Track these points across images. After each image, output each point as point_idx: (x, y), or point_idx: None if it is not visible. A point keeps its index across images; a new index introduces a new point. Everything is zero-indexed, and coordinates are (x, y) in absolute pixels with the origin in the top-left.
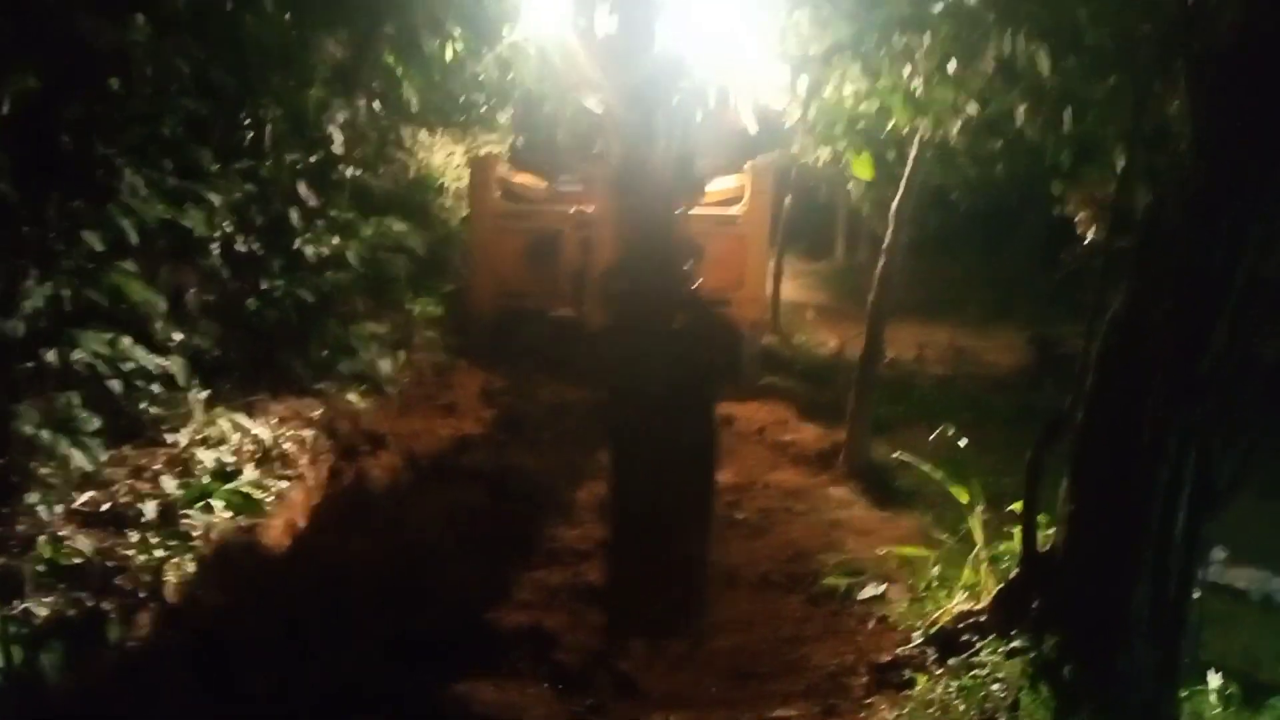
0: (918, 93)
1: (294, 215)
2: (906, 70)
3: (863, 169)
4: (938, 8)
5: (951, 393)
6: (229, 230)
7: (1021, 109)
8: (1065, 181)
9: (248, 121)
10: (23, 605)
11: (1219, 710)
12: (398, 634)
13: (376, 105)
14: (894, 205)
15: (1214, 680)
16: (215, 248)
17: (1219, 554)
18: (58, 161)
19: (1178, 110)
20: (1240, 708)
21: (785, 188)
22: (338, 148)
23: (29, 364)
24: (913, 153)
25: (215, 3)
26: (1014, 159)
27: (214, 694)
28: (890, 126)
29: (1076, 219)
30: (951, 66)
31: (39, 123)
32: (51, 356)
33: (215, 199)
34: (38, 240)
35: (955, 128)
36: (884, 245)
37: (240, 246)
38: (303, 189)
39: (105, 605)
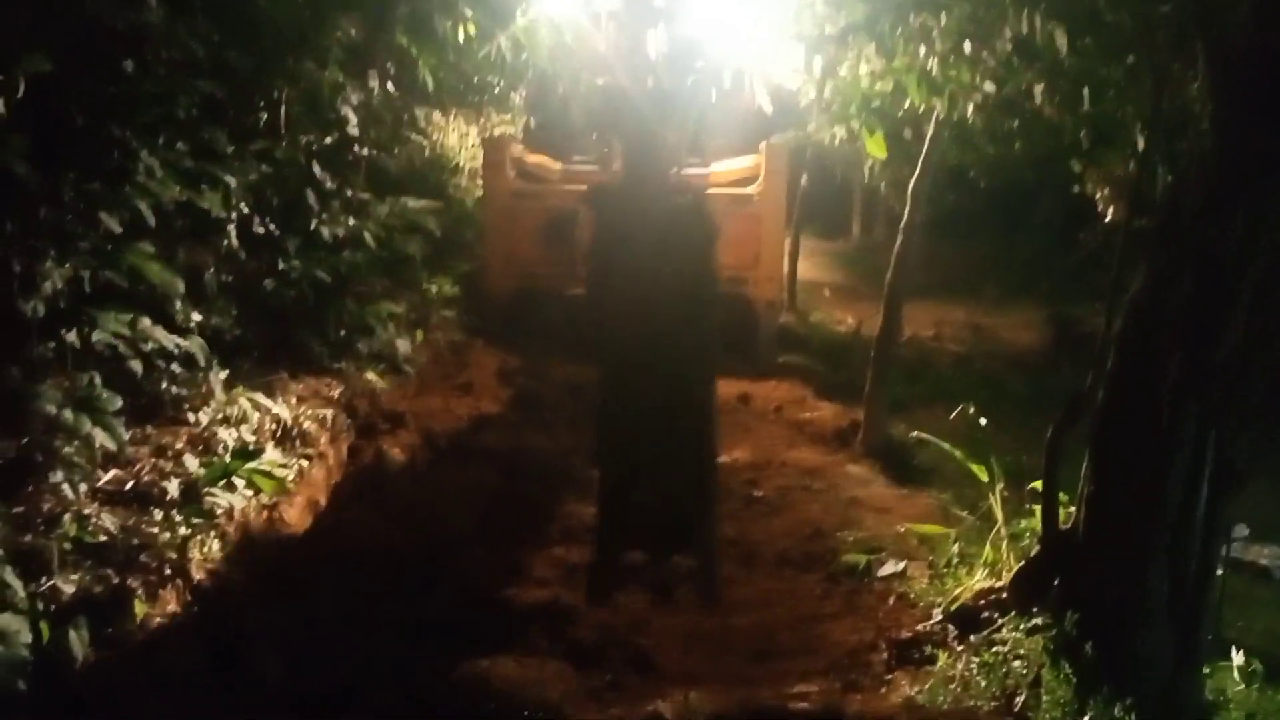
0: (934, 73)
1: (310, 196)
2: (922, 50)
3: (876, 148)
4: None
5: (969, 372)
6: (246, 211)
7: (1039, 88)
8: (1084, 161)
9: (263, 103)
10: (50, 582)
11: (1241, 688)
12: (417, 611)
13: (390, 86)
14: (911, 184)
15: (1237, 659)
16: (232, 229)
17: (1240, 531)
18: (73, 143)
19: (1197, 91)
20: (1263, 685)
21: (801, 167)
22: (353, 129)
23: (50, 344)
24: (930, 132)
25: None
26: (1032, 138)
27: (234, 673)
28: (906, 106)
29: (1096, 198)
30: (967, 47)
31: (54, 105)
32: (72, 337)
33: (231, 180)
34: (55, 221)
35: (971, 107)
36: (901, 224)
37: (257, 227)
38: (318, 170)
39: (131, 582)
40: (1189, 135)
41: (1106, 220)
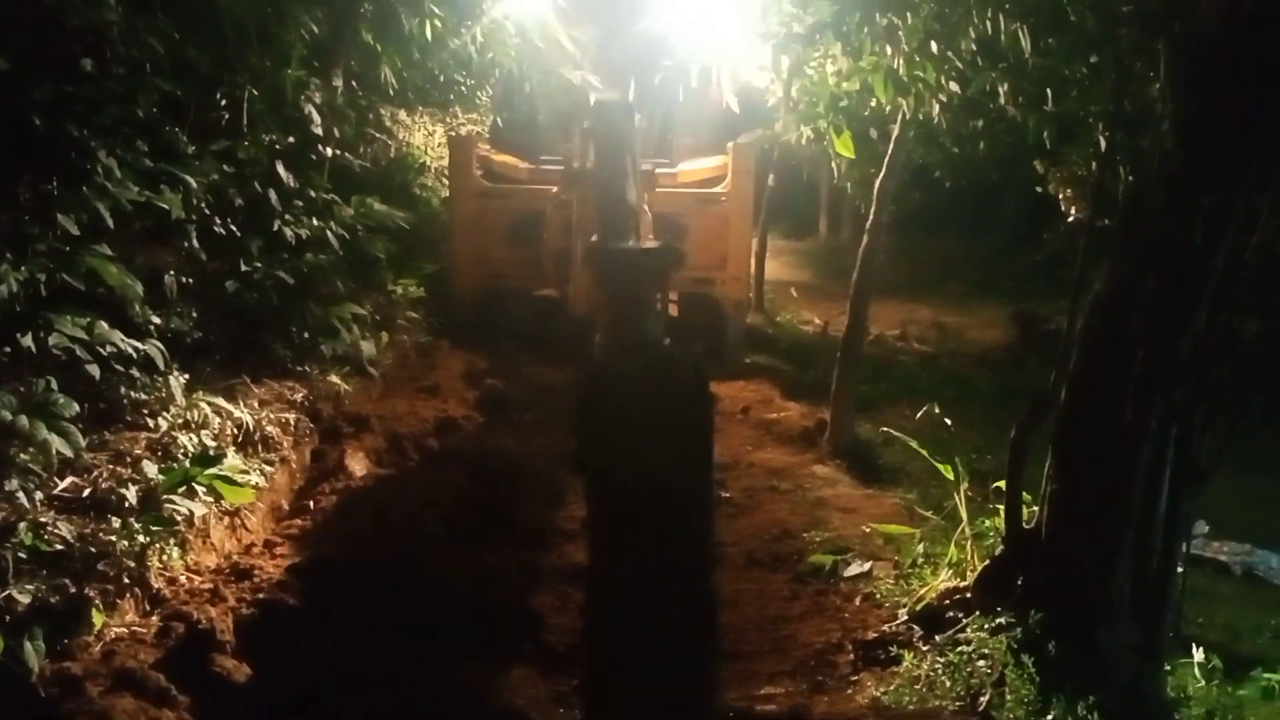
0: (900, 72)
1: (273, 196)
2: (889, 50)
3: (844, 148)
4: None
5: (935, 370)
6: (206, 212)
7: (1003, 88)
8: (1047, 160)
9: (224, 102)
10: (5, 592)
11: (1202, 684)
12: (384, 617)
13: (355, 85)
14: (877, 184)
15: (1198, 655)
16: (193, 230)
17: (1202, 528)
18: (30, 143)
19: (1159, 91)
20: (1223, 681)
21: (768, 166)
22: (316, 128)
23: (5, 349)
24: (895, 132)
25: None
26: (996, 138)
27: (196, 683)
28: (873, 105)
29: (1059, 197)
30: (933, 46)
31: (10, 104)
32: (28, 341)
33: (192, 180)
34: (11, 223)
35: (937, 107)
36: (867, 224)
37: (218, 228)
38: (281, 170)
39: (88, 591)
40: (1151, 133)
41: (1070, 219)
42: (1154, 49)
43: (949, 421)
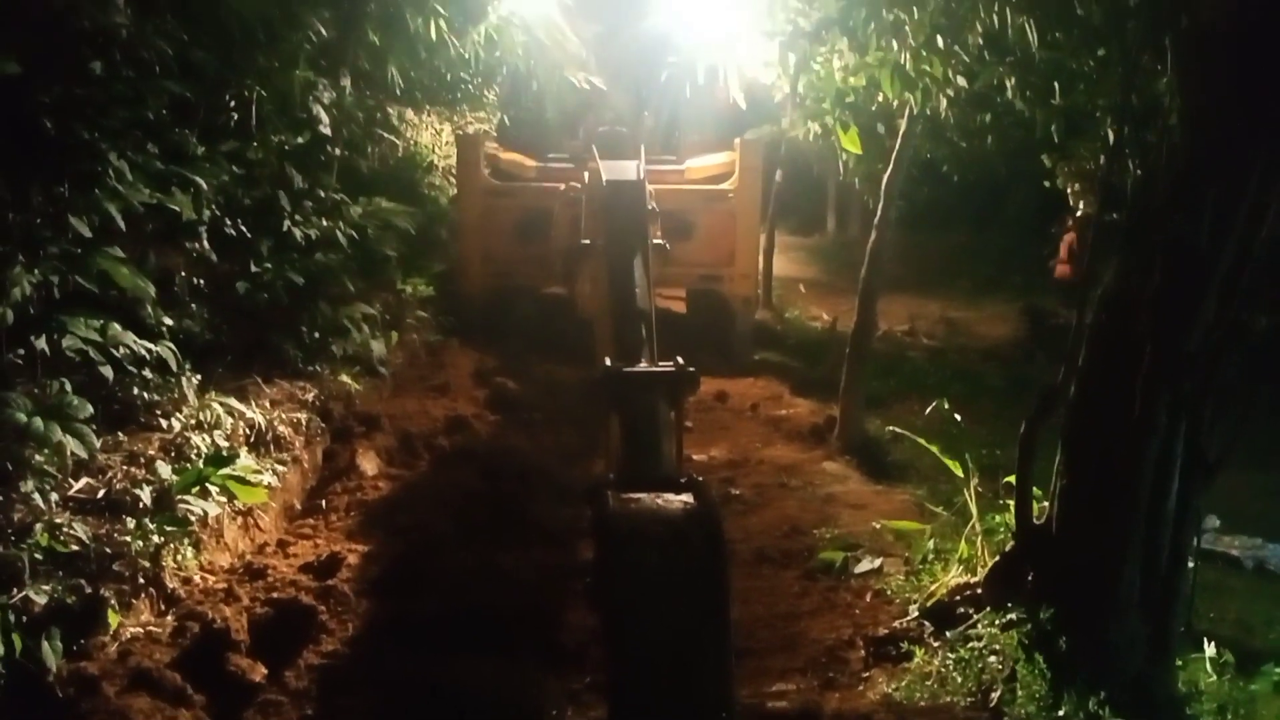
0: (907, 67)
1: (282, 197)
2: (895, 45)
3: (851, 143)
4: None
5: (944, 365)
6: (217, 213)
7: (1010, 82)
8: (1055, 155)
9: (233, 103)
10: (22, 593)
11: (1213, 679)
12: (396, 616)
13: (362, 85)
14: (885, 179)
15: (1209, 650)
16: (203, 231)
17: (1212, 522)
18: (41, 146)
19: (1166, 85)
20: (1234, 675)
21: (775, 163)
22: (324, 128)
23: (19, 351)
24: (903, 127)
25: None
26: (1004, 132)
27: (212, 683)
28: (879, 101)
29: (1067, 192)
30: (940, 41)
31: (20, 107)
32: (42, 343)
33: (202, 182)
34: (23, 226)
35: (944, 102)
36: (875, 219)
37: (229, 229)
38: (290, 170)
39: (104, 592)
40: (1158, 127)
41: (1078, 214)
42: (1161, 42)
43: (958, 417)
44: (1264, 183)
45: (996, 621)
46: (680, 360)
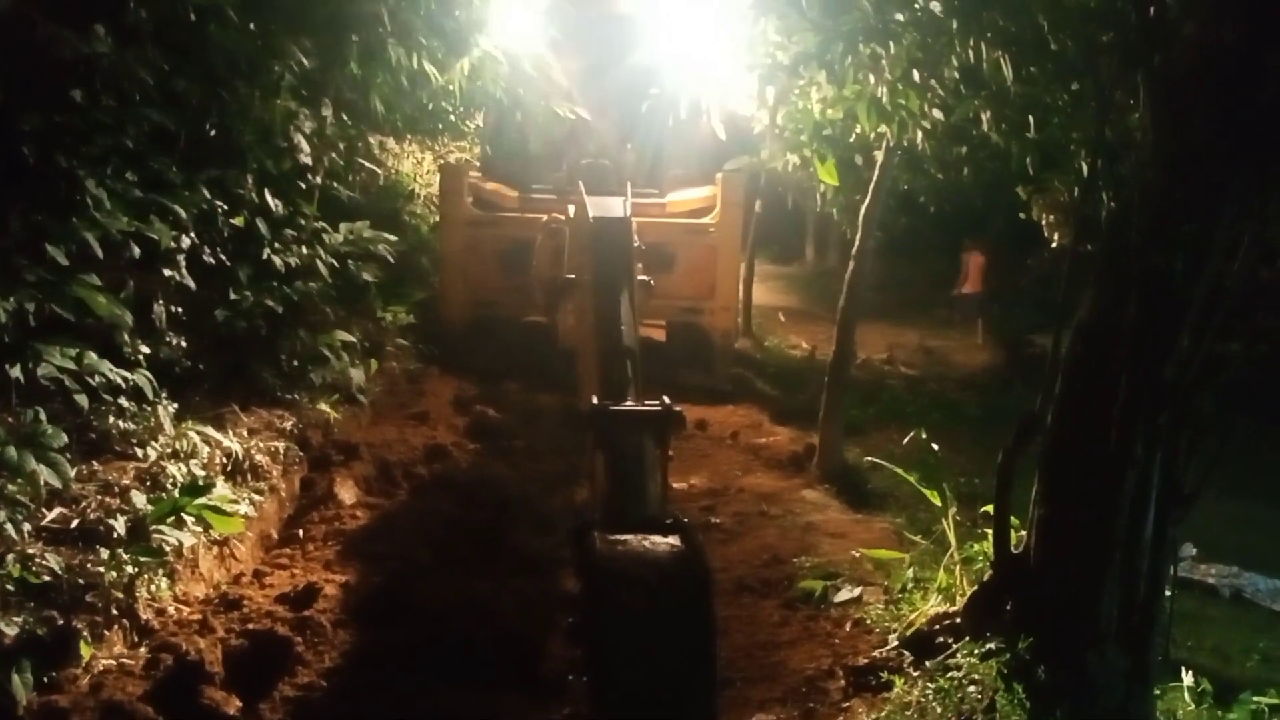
0: (884, 100)
1: (261, 225)
2: (872, 78)
3: (828, 175)
4: (902, 17)
5: (922, 394)
6: (196, 241)
7: (986, 115)
8: (1030, 187)
9: (213, 132)
10: None
11: (1192, 708)
12: (374, 646)
13: (343, 114)
14: (863, 210)
15: (1187, 679)
16: (182, 259)
17: (1189, 551)
18: (19, 173)
19: (1139, 120)
20: (1212, 705)
21: (755, 193)
22: (305, 157)
23: None
24: (880, 158)
25: (179, 12)
26: (980, 164)
27: (185, 716)
28: (857, 133)
29: (1042, 223)
30: (916, 75)
31: (0, 135)
32: (16, 371)
33: (181, 210)
34: (0, 254)
35: (921, 134)
36: (853, 249)
37: (207, 257)
38: (270, 198)
39: (76, 623)
40: (1132, 161)
41: (1053, 245)
42: (1134, 78)
43: (936, 446)
44: (1237, 217)
45: (975, 651)
46: (666, 399)
